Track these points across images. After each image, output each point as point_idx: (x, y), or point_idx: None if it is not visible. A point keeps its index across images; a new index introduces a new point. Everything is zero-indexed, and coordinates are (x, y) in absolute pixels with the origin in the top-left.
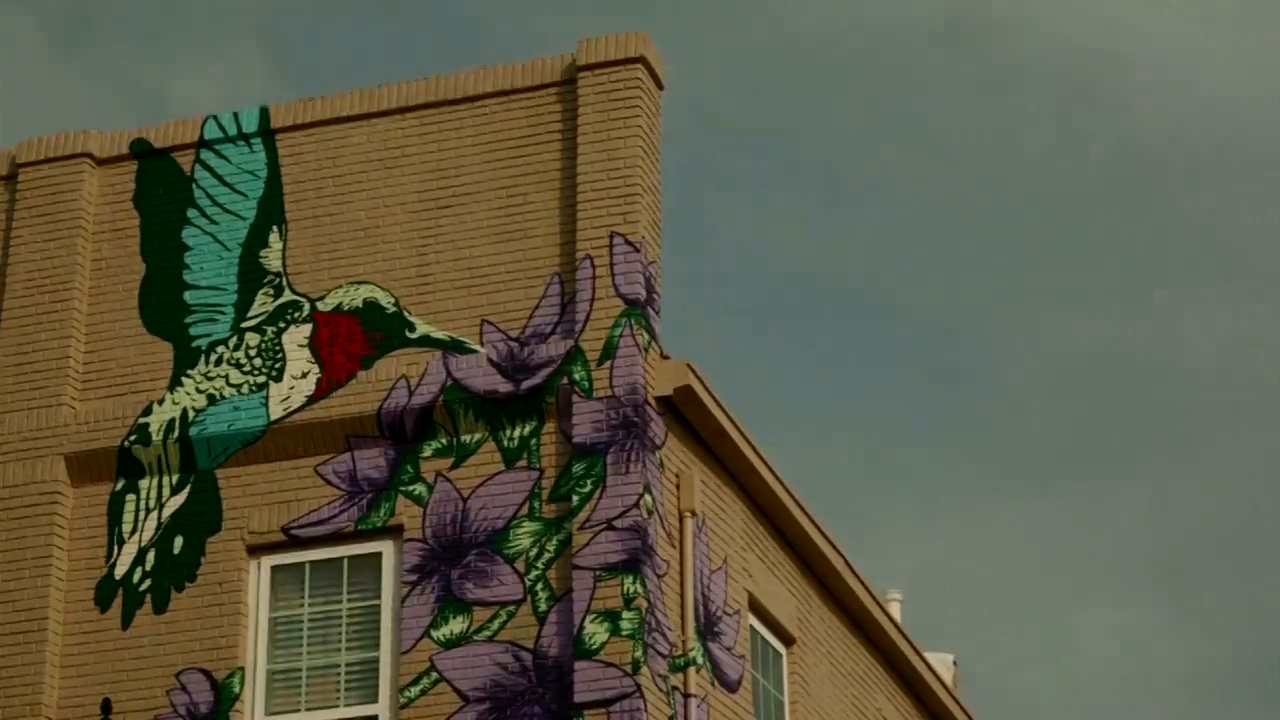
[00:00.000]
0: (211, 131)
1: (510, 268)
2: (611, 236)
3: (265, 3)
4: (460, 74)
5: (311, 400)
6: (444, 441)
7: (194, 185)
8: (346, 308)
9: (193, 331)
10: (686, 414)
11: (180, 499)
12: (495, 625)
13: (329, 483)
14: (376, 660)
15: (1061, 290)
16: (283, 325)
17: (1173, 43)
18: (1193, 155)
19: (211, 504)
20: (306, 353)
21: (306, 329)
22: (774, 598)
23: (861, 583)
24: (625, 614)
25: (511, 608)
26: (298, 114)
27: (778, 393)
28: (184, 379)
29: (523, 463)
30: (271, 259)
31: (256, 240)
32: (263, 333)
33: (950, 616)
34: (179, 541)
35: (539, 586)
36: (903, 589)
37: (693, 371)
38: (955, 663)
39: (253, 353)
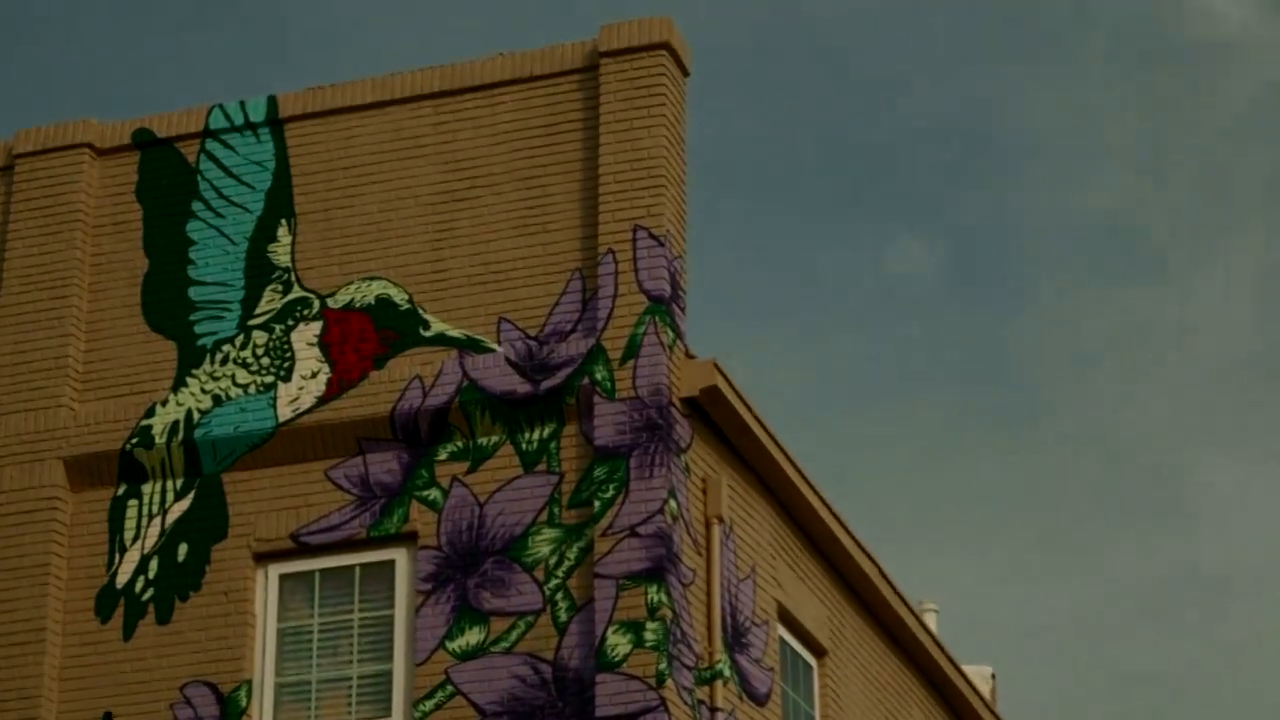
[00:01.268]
0: (217, 121)
1: (529, 263)
2: (635, 230)
3: None
4: (477, 61)
5: (321, 401)
6: (460, 444)
7: (199, 177)
8: (358, 305)
9: (197, 329)
10: (713, 416)
11: (184, 505)
12: (513, 636)
13: (340, 487)
14: (389, 673)
15: None
16: (291, 323)
17: None
18: None
19: (217, 510)
20: (316, 352)
21: (316, 327)
22: (804, 607)
23: (896, 592)
24: (649, 625)
25: (530, 618)
26: (307, 103)
27: (808, 392)
28: (188, 379)
29: (542, 467)
30: (280, 254)
31: (264, 234)
32: (271, 331)
33: (988, 627)
34: (183, 549)
35: (559, 596)
36: (939, 598)
37: (719, 371)
38: (994, 675)
39: (260, 352)
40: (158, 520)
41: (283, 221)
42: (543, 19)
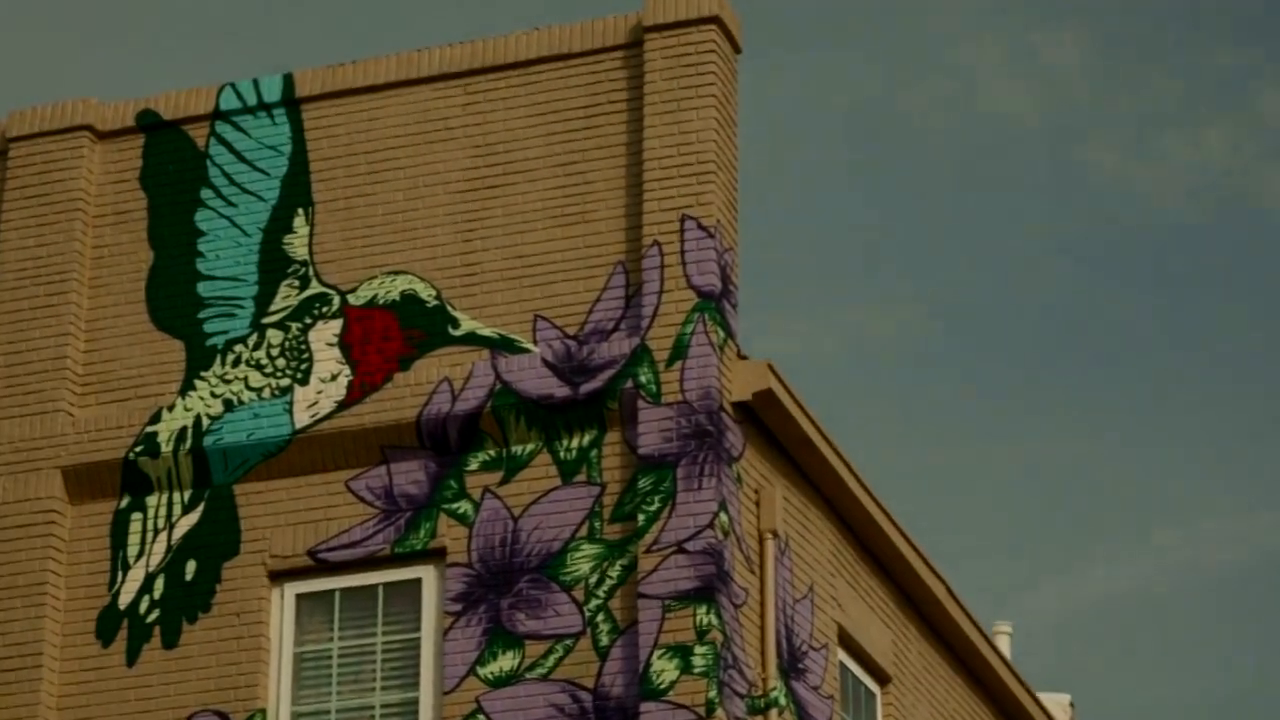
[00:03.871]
0: (228, 101)
1: (567, 256)
2: (682, 220)
3: None
4: (511, 36)
5: (342, 406)
6: (492, 453)
7: (209, 162)
8: (382, 301)
9: (207, 328)
10: (767, 421)
11: (193, 518)
12: (550, 661)
13: (362, 500)
14: (416, 701)
15: None
16: (309, 321)
17: None
18: None
19: (228, 524)
20: (336, 352)
21: (336, 325)
22: (866, 630)
23: (966, 613)
24: (698, 649)
25: (569, 642)
26: (326, 81)
27: (869, 398)
28: (197, 382)
29: (581, 477)
30: (296, 246)
31: (279, 225)
32: (287, 329)
33: (1066, 651)
34: (192, 567)
35: (600, 618)
36: (1012, 620)
37: (774, 373)
38: (1072, 704)
39: (275, 352)
40: (164, 535)
41: (299, 211)
42: None
